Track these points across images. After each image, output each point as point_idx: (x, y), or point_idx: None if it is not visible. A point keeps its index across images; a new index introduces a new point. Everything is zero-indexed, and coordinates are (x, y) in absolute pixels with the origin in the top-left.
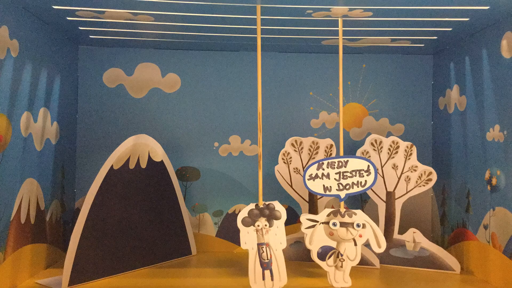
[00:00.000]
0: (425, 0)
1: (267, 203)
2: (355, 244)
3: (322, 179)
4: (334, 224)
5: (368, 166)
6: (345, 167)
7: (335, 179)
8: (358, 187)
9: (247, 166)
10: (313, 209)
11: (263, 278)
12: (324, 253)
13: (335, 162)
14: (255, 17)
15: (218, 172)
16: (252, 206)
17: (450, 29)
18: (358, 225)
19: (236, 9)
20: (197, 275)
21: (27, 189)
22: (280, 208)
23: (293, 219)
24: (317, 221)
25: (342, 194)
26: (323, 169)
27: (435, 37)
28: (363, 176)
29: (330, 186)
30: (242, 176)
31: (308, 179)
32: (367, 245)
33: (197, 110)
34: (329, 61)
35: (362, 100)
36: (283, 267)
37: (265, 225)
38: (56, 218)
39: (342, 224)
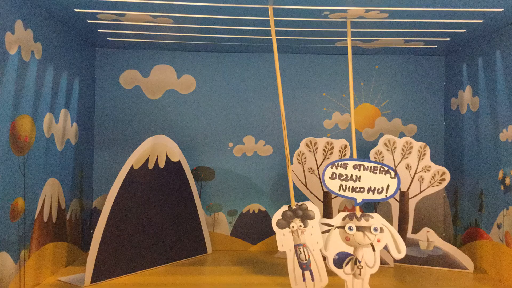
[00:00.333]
0: (440, 2)
1: (299, 203)
2: (373, 250)
3: (340, 179)
4: (350, 228)
5: (391, 178)
6: (371, 171)
7: (353, 180)
8: (374, 193)
9: (261, 166)
10: (328, 209)
11: (304, 279)
12: (340, 260)
13: (362, 165)
14: (273, 19)
15: (232, 172)
16: (285, 208)
17: (464, 30)
18: (375, 229)
19: (252, 10)
20: (213, 273)
21: (50, 188)
22: (313, 208)
23: None
24: (332, 225)
25: (359, 197)
26: (346, 169)
27: (448, 39)
28: (383, 189)
29: (347, 187)
30: (256, 176)
31: (330, 178)
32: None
33: (211, 111)
34: (342, 62)
35: (375, 100)
36: (323, 266)
37: (300, 226)
38: (76, 217)
39: (359, 228)
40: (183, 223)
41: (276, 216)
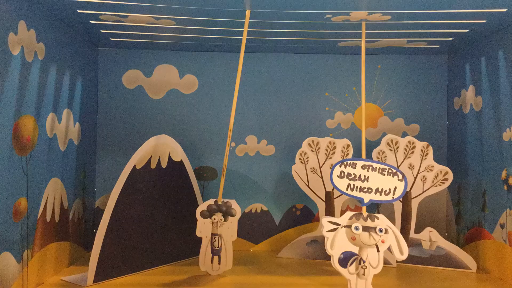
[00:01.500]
0: (443, 4)
1: (225, 200)
2: (378, 250)
3: (349, 179)
4: (357, 228)
5: (399, 180)
6: (379, 173)
7: (361, 180)
8: (381, 195)
9: (264, 166)
10: (330, 209)
11: (212, 262)
12: (345, 259)
13: (371, 166)
14: (276, 21)
15: (235, 172)
16: (211, 201)
17: (467, 30)
18: (380, 230)
19: (259, 13)
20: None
21: (52, 188)
22: (236, 207)
23: (308, 218)
24: (339, 224)
25: (366, 198)
26: (354, 169)
27: (451, 38)
28: (390, 191)
29: (355, 186)
30: (258, 175)
31: (338, 176)
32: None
33: (214, 111)
34: (344, 62)
35: (378, 100)
36: (231, 255)
37: (221, 219)
38: (78, 217)
39: (365, 228)
40: (185, 223)
41: (202, 207)
